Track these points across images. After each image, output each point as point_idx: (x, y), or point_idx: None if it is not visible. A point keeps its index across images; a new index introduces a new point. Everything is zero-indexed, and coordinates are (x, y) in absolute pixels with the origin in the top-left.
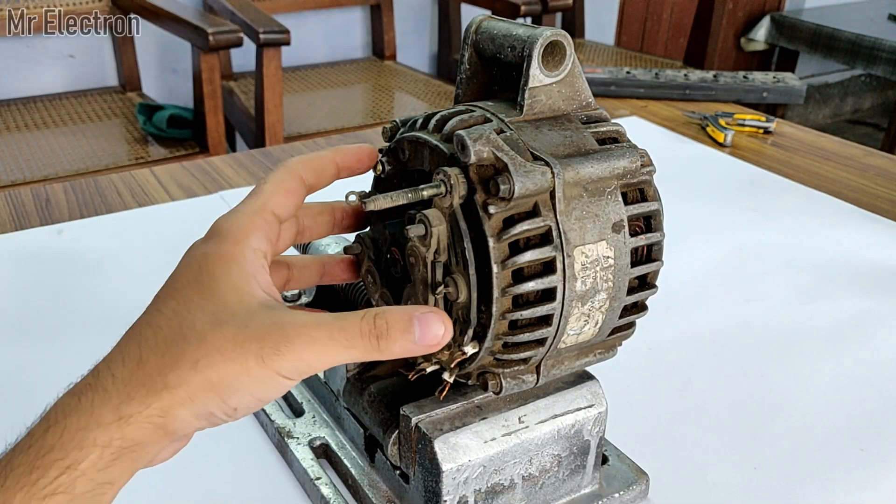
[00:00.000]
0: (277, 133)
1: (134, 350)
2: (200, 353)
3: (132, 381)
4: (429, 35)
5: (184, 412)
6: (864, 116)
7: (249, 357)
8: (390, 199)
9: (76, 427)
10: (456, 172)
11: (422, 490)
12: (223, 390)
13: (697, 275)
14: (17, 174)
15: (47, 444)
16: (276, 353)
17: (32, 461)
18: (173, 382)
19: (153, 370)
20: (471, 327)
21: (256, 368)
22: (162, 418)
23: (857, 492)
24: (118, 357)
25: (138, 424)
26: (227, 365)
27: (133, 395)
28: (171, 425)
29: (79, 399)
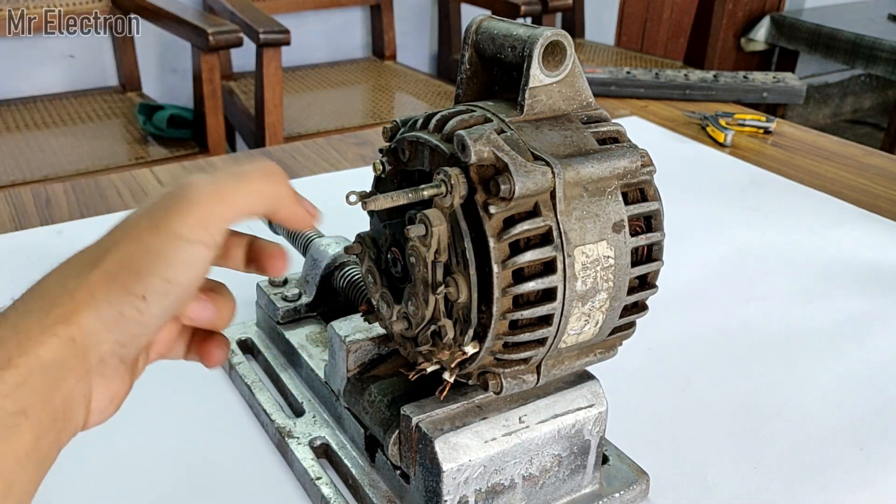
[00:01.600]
0: (277, 133)
1: (37, 283)
2: (97, 250)
3: (29, 298)
4: (429, 35)
5: (88, 317)
6: (864, 116)
7: (143, 232)
8: (391, 199)
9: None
10: (456, 172)
11: (422, 490)
12: (122, 276)
13: (697, 275)
14: (17, 174)
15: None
16: (167, 212)
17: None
18: (72, 286)
19: (51, 282)
20: (471, 327)
21: (152, 239)
22: (66, 327)
23: (857, 492)
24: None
25: (40, 338)
26: (120, 248)
27: (31, 309)
28: (79, 336)
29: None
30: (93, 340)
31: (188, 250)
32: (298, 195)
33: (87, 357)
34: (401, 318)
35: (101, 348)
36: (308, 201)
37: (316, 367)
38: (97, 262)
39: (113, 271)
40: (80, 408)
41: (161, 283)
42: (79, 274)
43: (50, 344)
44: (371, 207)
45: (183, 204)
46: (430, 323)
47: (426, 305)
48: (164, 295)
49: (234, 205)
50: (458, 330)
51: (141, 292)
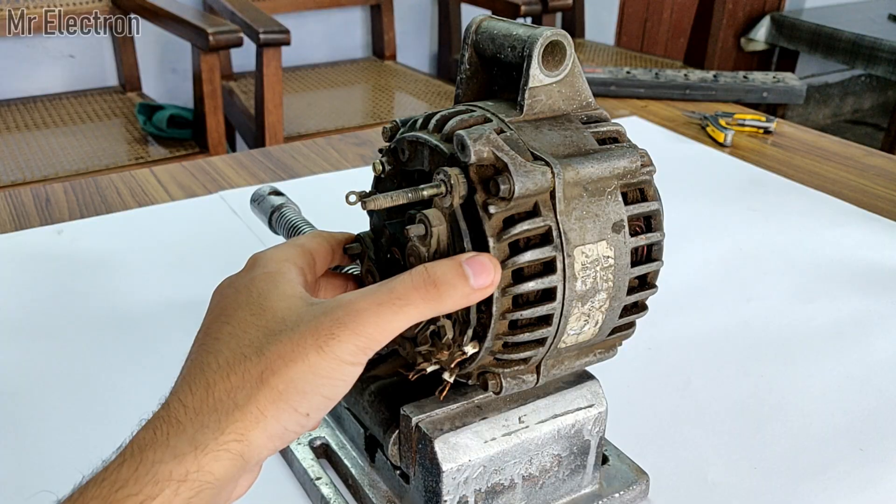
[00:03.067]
0: (277, 133)
1: (199, 378)
2: (262, 365)
3: (203, 408)
4: (429, 35)
5: (258, 433)
6: (864, 116)
7: (309, 352)
8: (390, 199)
9: (152, 460)
10: (456, 172)
11: (422, 490)
12: (291, 396)
13: (697, 275)
14: (17, 174)
15: (122, 477)
16: (333, 338)
17: (106, 496)
18: (242, 401)
19: (222, 394)
20: (470, 327)
21: (319, 362)
22: (238, 443)
23: (857, 492)
24: (185, 387)
25: (215, 454)
26: (289, 368)
27: (206, 422)
28: (247, 452)
29: (153, 432)
30: (257, 452)
31: (349, 371)
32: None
33: (247, 465)
34: None
35: (260, 456)
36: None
37: None
38: (263, 377)
39: (282, 391)
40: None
41: (323, 401)
42: (245, 386)
43: (223, 461)
44: (371, 207)
45: (347, 332)
46: (429, 323)
47: None
48: (323, 410)
49: (393, 332)
50: (457, 330)
51: (306, 410)
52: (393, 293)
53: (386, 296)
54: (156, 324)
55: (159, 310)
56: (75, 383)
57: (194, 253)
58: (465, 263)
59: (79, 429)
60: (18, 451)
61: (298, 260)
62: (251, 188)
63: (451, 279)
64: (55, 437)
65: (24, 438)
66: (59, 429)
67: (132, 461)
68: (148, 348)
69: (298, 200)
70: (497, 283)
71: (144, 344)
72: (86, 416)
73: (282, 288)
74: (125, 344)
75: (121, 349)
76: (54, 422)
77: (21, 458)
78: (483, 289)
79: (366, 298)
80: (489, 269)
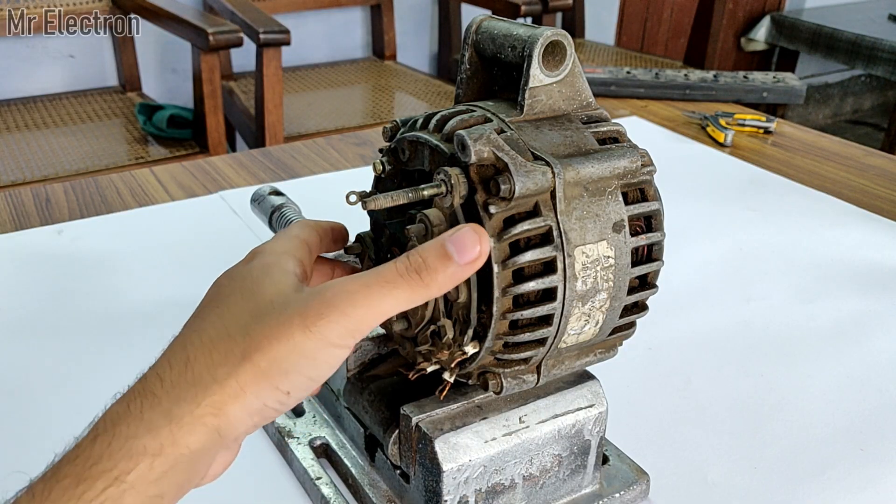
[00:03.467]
0: (277, 133)
1: (180, 354)
2: (246, 343)
3: (181, 381)
4: (429, 35)
5: (236, 408)
6: (864, 116)
7: (295, 332)
8: (391, 199)
9: (125, 435)
10: (457, 172)
11: (422, 490)
12: (274, 374)
13: (697, 275)
14: (17, 174)
15: (95, 453)
16: (321, 319)
17: (79, 472)
18: (222, 376)
19: (202, 368)
20: (471, 327)
21: (304, 341)
22: (215, 417)
23: (857, 492)
24: (165, 362)
25: (191, 427)
26: (273, 347)
27: (183, 395)
28: (224, 426)
29: (127, 406)
30: (234, 427)
31: (335, 354)
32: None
33: (224, 441)
34: (400, 317)
35: (237, 432)
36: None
37: None
38: (246, 355)
39: (264, 368)
40: (200, 476)
41: (305, 381)
42: (227, 363)
43: (198, 434)
44: (371, 207)
45: (335, 313)
46: (429, 323)
47: (426, 305)
48: (305, 390)
49: (381, 316)
50: (457, 330)
51: (287, 389)
52: (381, 277)
53: (374, 279)
54: (156, 324)
55: (159, 310)
56: (75, 383)
57: (194, 253)
58: (448, 242)
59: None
60: (18, 450)
61: (297, 252)
62: (251, 188)
63: (433, 264)
64: (55, 437)
65: (24, 438)
66: (59, 428)
67: (105, 436)
68: (148, 348)
69: (298, 200)
70: (486, 252)
71: (144, 344)
72: (86, 416)
73: (275, 276)
74: (125, 344)
75: (121, 349)
76: (54, 421)
77: (21, 457)
78: (471, 262)
79: (355, 282)
80: (474, 241)
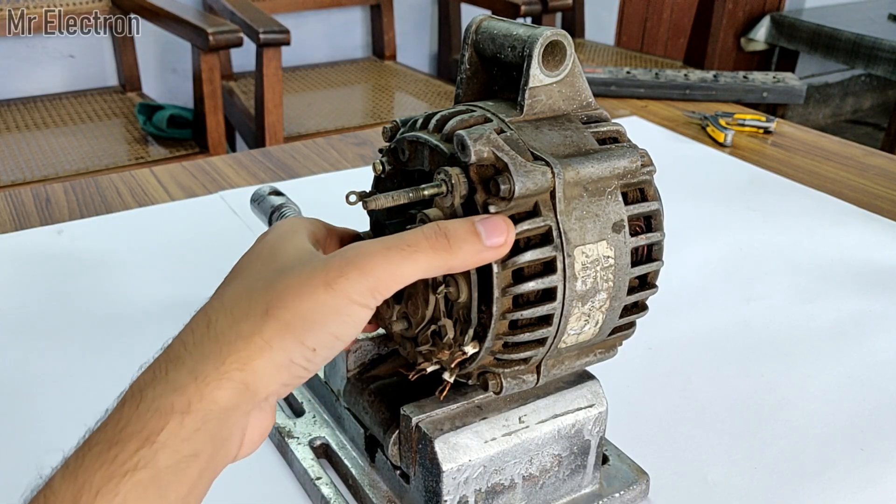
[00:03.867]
0: (277, 133)
1: (202, 319)
2: (269, 297)
3: (204, 341)
4: (429, 35)
5: (262, 363)
6: (864, 116)
7: (318, 288)
8: (391, 199)
9: (152, 396)
10: (457, 172)
11: (422, 490)
12: (298, 328)
13: (697, 275)
14: (17, 174)
15: (124, 417)
16: (342, 277)
17: (110, 437)
18: (246, 332)
19: (224, 326)
20: (472, 327)
21: (328, 298)
22: (241, 372)
23: (857, 492)
24: (188, 330)
25: (217, 383)
26: (297, 301)
27: (207, 353)
28: (252, 381)
29: (152, 372)
30: (263, 383)
31: (358, 312)
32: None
33: (255, 398)
34: (400, 317)
35: (268, 389)
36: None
37: None
38: (270, 309)
39: (289, 322)
40: (236, 443)
41: (330, 338)
42: (250, 318)
43: (226, 388)
44: (372, 207)
45: (356, 271)
46: (430, 323)
47: (426, 305)
48: (330, 348)
49: (402, 278)
50: (458, 330)
51: (312, 345)
52: (403, 240)
53: (396, 242)
54: (156, 324)
55: (159, 310)
56: (75, 383)
57: (194, 253)
58: (478, 223)
59: (79, 428)
60: (18, 450)
61: (310, 225)
62: (251, 188)
63: (462, 234)
64: (55, 437)
65: (24, 438)
66: (59, 428)
67: (132, 401)
68: (148, 348)
69: (298, 200)
70: (511, 243)
71: (144, 344)
72: (86, 416)
73: (294, 241)
74: (125, 344)
75: (121, 349)
76: (54, 421)
77: (21, 457)
78: (496, 248)
79: (376, 243)
80: (503, 229)
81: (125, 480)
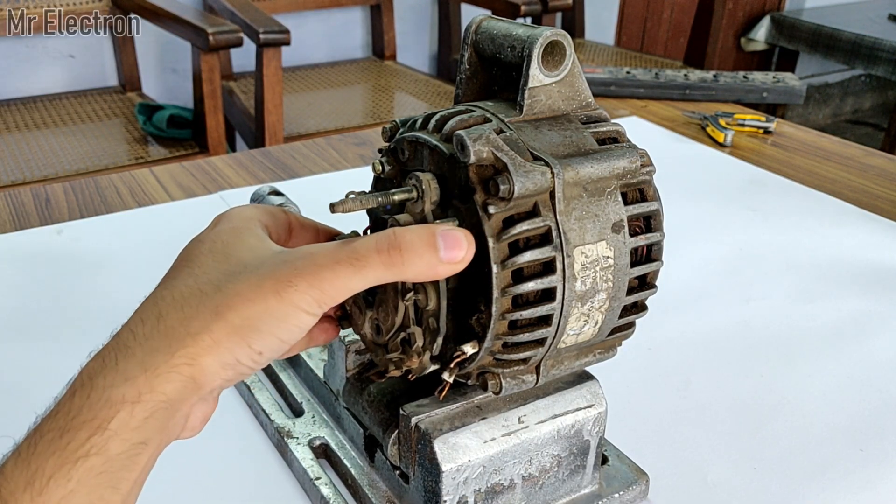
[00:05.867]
0: (277, 133)
1: (152, 309)
2: (219, 300)
3: (154, 335)
4: (429, 35)
5: (210, 360)
6: (864, 116)
7: (268, 295)
8: (360, 203)
9: (103, 386)
10: (428, 178)
11: (421, 490)
12: (247, 333)
13: (697, 275)
14: (17, 174)
15: (75, 406)
16: (290, 286)
17: (62, 425)
18: (196, 329)
19: (174, 322)
20: (440, 335)
21: (277, 306)
22: (190, 367)
23: (857, 492)
24: (137, 319)
25: (167, 376)
26: (247, 306)
27: (157, 346)
28: (199, 376)
29: (102, 360)
30: (209, 379)
31: (304, 318)
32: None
33: (200, 391)
34: (372, 324)
35: (213, 384)
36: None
37: (315, 367)
38: (220, 311)
39: (238, 326)
40: (178, 429)
41: (276, 342)
42: (200, 317)
43: (174, 381)
44: (340, 211)
45: (304, 283)
46: (399, 330)
47: (396, 312)
48: (276, 351)
49: (349, 291)
50: (427, 338)
51: (259, 348)
52: (353, 253)
53: (346, 255)
54: None
55: None
56: None
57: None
58: (439, 234)
59: None
60: None
61: (264, 218)
62: (251, 188)
63: (417, 247)
64: None
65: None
66: None
67: (83, 390)
68: None
69: (298, 200)
70: (469, 259)
71: None
72: None
73: (246, 240)
74: None
75: None
76: None
77: None
78: (452, 263)
79: (326, 254)
80: (462, 245)
81: (77, 466)
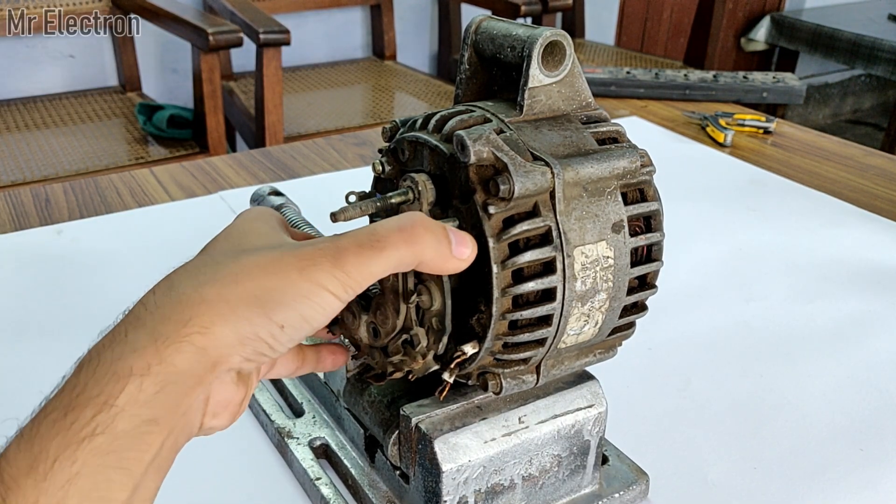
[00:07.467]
0: (277, 133)
1: (164, 283)
2: (237, 269)
3: (165, 302)
4: (429, 35)
5: (225, 330)
6: (864, 116)
7: (290, 270)
8: (360, 210)
9: (110, 359)
10: (423, 179)
11: (422, 490)
12: (266, 303)
13: (697, 275)
14: (17, 174)
15: (80, 382)
16: (314, 265)
17: (66, 404)
18: (212, 296)
19: (188, 289)
20: (445, 334)
21: (300, 281)
22: (202, 335)
23: (857, 492)
24: (149, 293)
25: (177, 345)
26: (267, 278)
27: (168, 314)
28: (213, 348)
29: (112, 335)
30: (223, 352)
31: (329, 300)
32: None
33: (214, 368)
34: (368, 328)
35: (229, 361)
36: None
37: None
38: (239, 280)
39: (259, 296)
40: (198, 413)
41: (299, 319)
42: (215, 285)
43: (185, 353)
44: (341, 219)
45: (328, 263)
46: (401, 332)
47: (397, 315)
48: (298, 329)
49: (373, 273)
50: (431, 338)
51: (281, 322)
52: (374, 235)
53: (367, 238)
54: None
55: None
56: None
57: (194, 253)
58: (449, 229)
59: None
60: None
61: (281, 217)
62: (251, 188)
63: (435, 230)
64: None
65: None
66: None
67: (89, 365)
68: None
69: (298, 200)
70: (471, 260)
71: None
72: None
73: (263, 228)
74: None
75: None
76: None
77: None
78: (460, 259)
79: (348, 238)
80: (468, 244)
81: (83, 447)
